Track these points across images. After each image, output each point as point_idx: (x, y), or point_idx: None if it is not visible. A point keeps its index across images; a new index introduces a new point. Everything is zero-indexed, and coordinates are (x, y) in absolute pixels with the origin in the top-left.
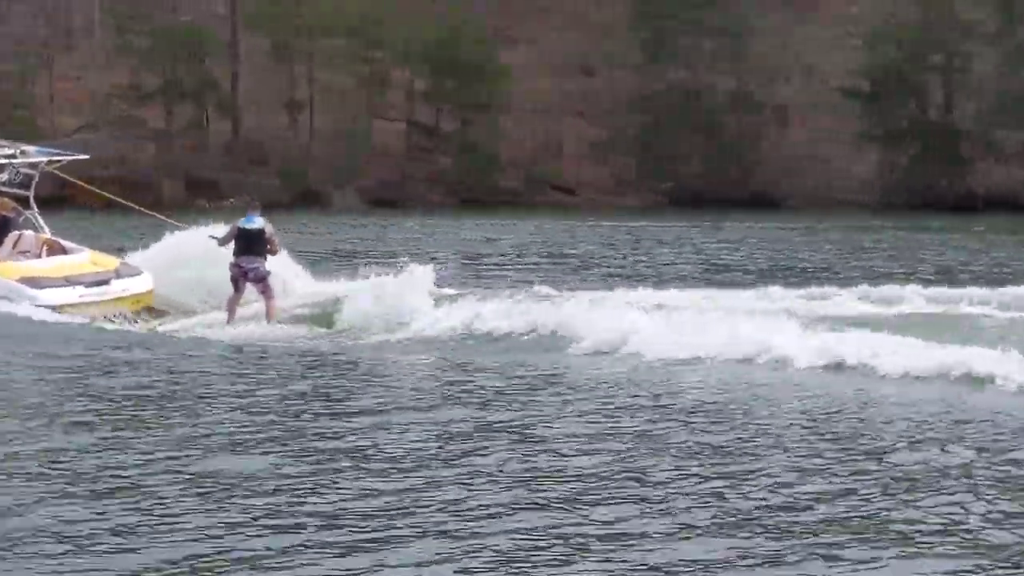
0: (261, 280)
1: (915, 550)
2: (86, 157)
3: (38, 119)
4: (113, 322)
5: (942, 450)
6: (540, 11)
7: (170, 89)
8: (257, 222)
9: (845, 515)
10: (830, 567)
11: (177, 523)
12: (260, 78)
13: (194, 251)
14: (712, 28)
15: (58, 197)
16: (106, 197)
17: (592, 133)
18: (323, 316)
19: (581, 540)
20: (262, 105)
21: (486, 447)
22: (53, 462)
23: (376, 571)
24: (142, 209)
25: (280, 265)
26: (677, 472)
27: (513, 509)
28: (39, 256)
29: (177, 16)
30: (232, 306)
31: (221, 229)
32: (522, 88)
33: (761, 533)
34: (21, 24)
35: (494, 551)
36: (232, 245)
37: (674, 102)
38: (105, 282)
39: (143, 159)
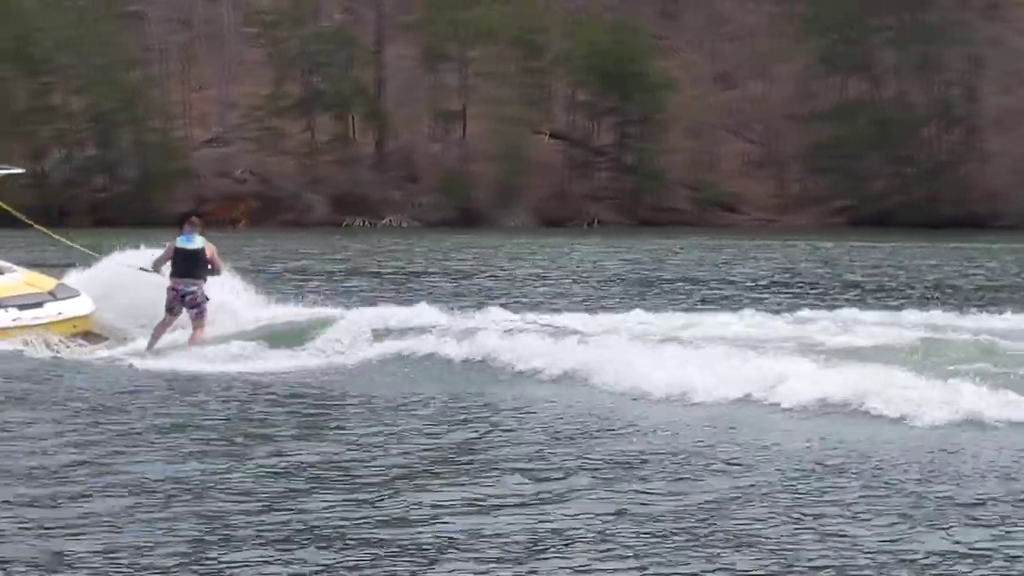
0: (197, 306)
1: None
2: (21, 171)
3: (172, 130)
4: (48, 349)
5: None
6: (683, 18)
7: (315, 99)
8: (196, 241)
9: None
10: None
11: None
12: (409, 88)
13: (138, 272)
14: (905, 34)
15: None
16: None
17: (748, 148)
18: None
19: None
20: (411, 116)
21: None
22: None
23: None
24: (49, 232)
25: (224, 289)
26: None
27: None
28: None
29: (319, 22)
30: (159, 331)
31: (145, 257)
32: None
33: None
34: (155, 31)
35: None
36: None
37: (855, 115)
38: (39, 304)
39: (284, 173)
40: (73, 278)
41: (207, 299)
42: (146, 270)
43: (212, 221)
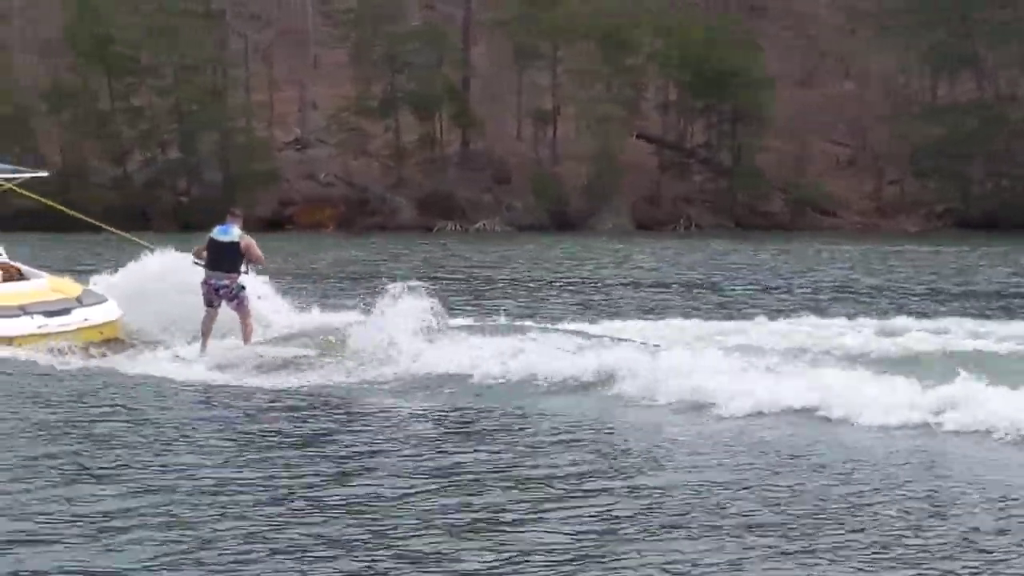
0: (234, 298)
1: None
2: (46, 175)
3: (256, 131)
4: (73, 356)
5: None
6: (768, 14)
7: (401, 100)
8: (233, 233)
9: None
10: None
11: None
12: (496, 87)
13: (167, 276)
14: (1011, 29)
15: (275, 221)
16: (74, 215)
17: (838, 149)
18: (309, 348)
19: None
20: (499, 117)
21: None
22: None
23: None
24: (112, 229)
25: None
26: None
27: None
28: None
29: (403, 21)
30: (205, 328)
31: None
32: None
33: None
34: (236, 31)
35: None
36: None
37: (958, 114)
38: (66, 311)
39: (369, 175)
40: (99, 283)
41: (243, 289)
42: (199, 263)
43: (298, 225)
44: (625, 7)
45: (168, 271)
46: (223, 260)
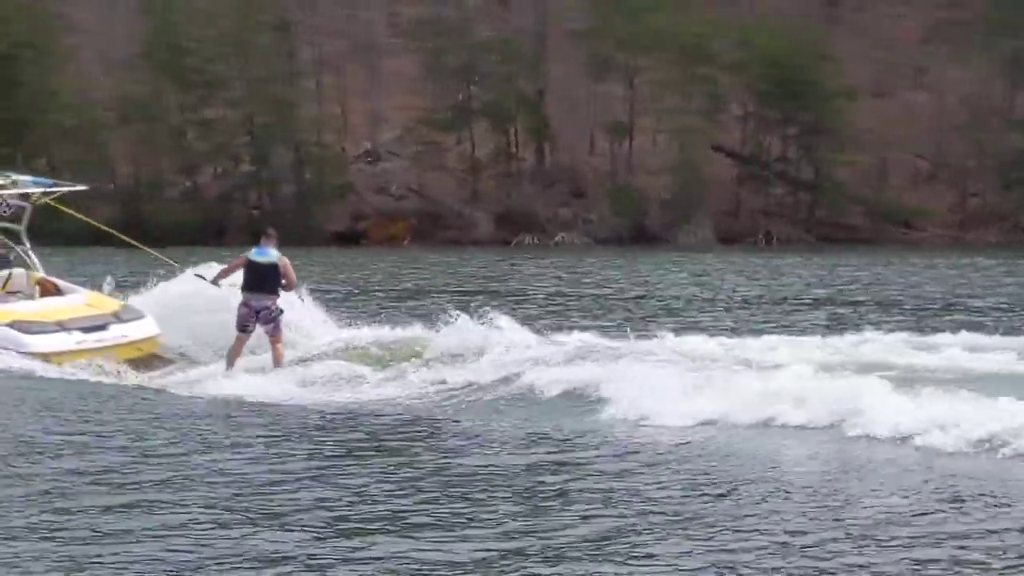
0: (272, 321)
1: None
2: (85, 188)
3: (328, 144)
4: (110, 373)
5: None
6: (844, 23)
7: (476, 112)
8: (271, 255)
9: None
10: None
11: None
12: (572, 99)
13: (206, 292)
14: None
15: (348, 235)
16: (105, 230)
17: (915, 161)
18: (354, 362)
19: None
20: (575, 128)
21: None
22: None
23: None
24: (140, 246)
25: (298, 308)
26: None
27: None
28: (31, 297)
29: (476, 32)
30: (234, 354)
31: (211, 270)
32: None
33: None
34: (307, 42)
35: None
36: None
37: None
38: (103, 327)
39: (442, 189)
40: (138, 299)
41: (282, 312)
42: (201, 277)
43: (372, 239)
44: (704, 17)
45: (200, 288)
46: (264, 282)
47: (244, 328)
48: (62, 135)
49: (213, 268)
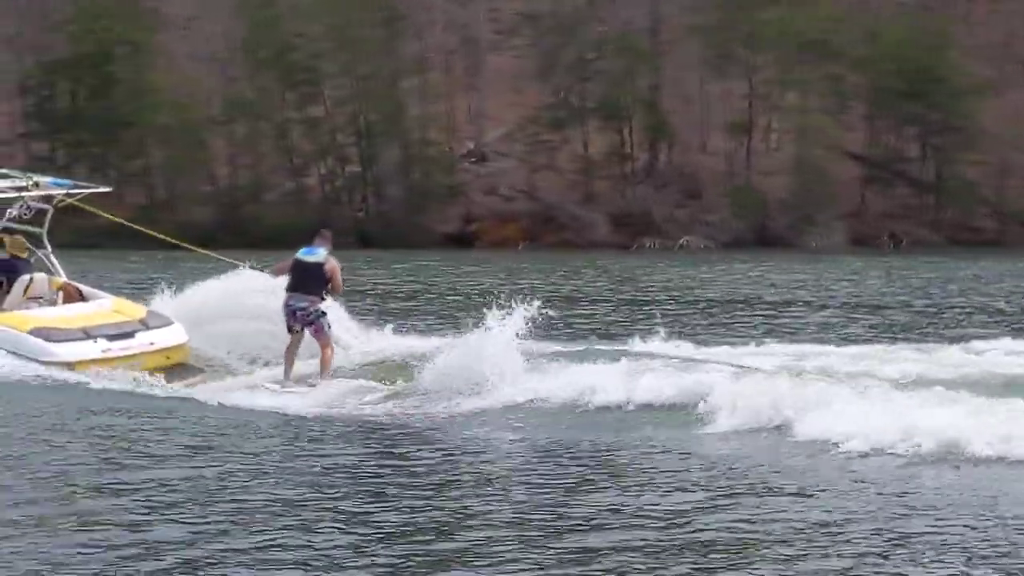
0: (311, 323)
1: None
2: (108, 190)
3: (438, 144)
4: (137, 382)
5: None
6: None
7: (589, 111)
8: (319, 254)
9: None
10: None
11: None
12: (689, 97)
13: (235, 297)
14: None
15: (460, 238)
16: (139, 230)
17: None
18: (390, 376)
19: None
20: (692, 127)
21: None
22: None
23: None
24: (187, 246)
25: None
26: None
27: None
28: (53, 303)
29: (588, 28)
30: (289, 354)
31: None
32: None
33: None
34: (418, 38)
35: None
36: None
37: None
38: (130, 334)
39: (554, 190)
40: (163, 305)
41: (323, 314)
42: (257, 269)
43: (483, 241)
44: (827, 12)
45: (236, 291)
46: (305, 281)
47: (290, 328)
48: (159, 135)
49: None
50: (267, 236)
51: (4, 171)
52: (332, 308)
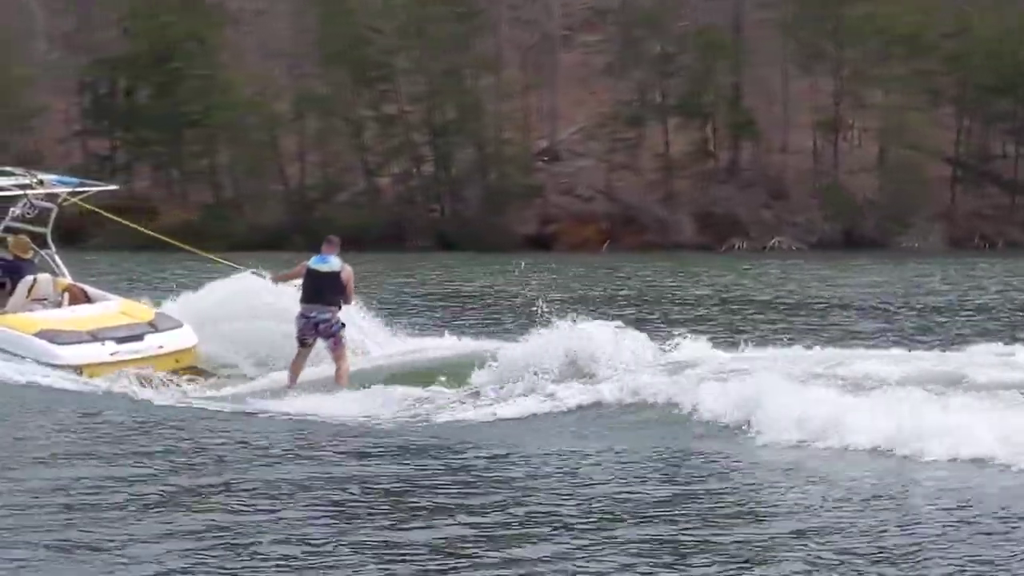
0: (332, 335)
1: None
2: (115, 187)
3: (515, 144)
4: (146, 386)
5: None
6: None
7: (670, 108)
8: (332, 263)
9: None
10: None
11: None
12: (773, 94)
13: (245, 299)
14: None
15: (538, 240)
16: (144, 232)
17: None
18: (417, 380)
19: None
20: (777, 126)
21: None
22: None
23: None
24: (192, 249)
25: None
26: None
27: None
28: (59, 305)
29: (669, 23)
30: (296, 368)
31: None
32: None
33: None
34: (496, 34)
35: None
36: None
37: None
38: (138, 337)
39: (633, 190)
40: (172, 306)
41: (343, 326)
42: (260, 275)
43: (562, 243)
44: (916, 5)
45: (247, 291)
46: (323, 292)
47: (303, 341)
48: (228, 132)
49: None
50: (340, 238)
51: (7, 168)
52: (352, 314)
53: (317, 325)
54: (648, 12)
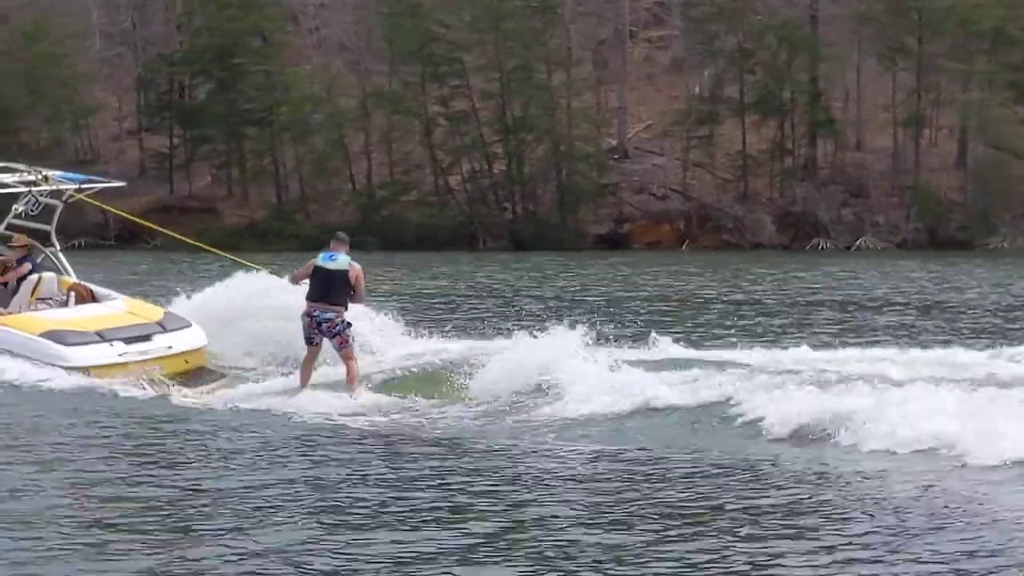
0: (337, 335)
1: None
2: (122, 184)
3: (589, 141)
4: (156, 388)
5: None
6: None
7: (748, 105)
8: (341, 260)
9: None
10: None
11: None
12: (851, 89)
13: (255, 297)
14: None
15: (612, 239)
16: (156, 229)
17: None
18: (426, 383)
19: None
20: (858, 123)
21: None
22: None
23: None
24: (201, 245)
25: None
26: None
27: None
28: (64, 304)
29: (754, 14)
30: (306, 368)
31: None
32: None
33: None
34: (569, 28)
35: None
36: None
37: None
38: (147, 337)
39: (709, 188)
40: (180, 306)
41: (349, 326)
42: (276, 275)
43: (640, 243)
44: None
45: (257, 291)
46: (329, 290)
47: (310, 341)
48: (294, 130)
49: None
50: (411, 238)
51: (10, 164)
52: (367, 313)
53: (320, 324)
54: (725, 6)
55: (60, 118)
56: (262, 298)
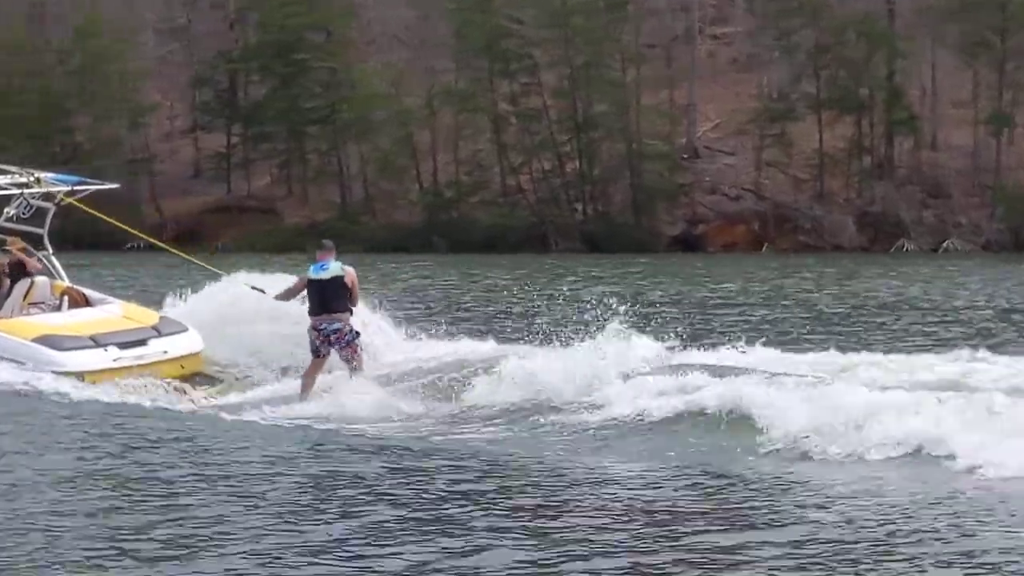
0: (347, 345)
1: None
2: (115, 186)
3: (661, 140)
4: (151, 393)
5: None
6: None
7: (824, 102)
8: (332, 268)
9: None
10: None
11: None
12: (930, 86)
13: (253, 300)
14: None
15: (686, 241)
16: (135, 233)
17: None
18: (436, 389)
19: None
20: (938, 121)
21: None
22: None
23: None
24: (177, 252)
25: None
26: None
27: None
28: (57, 308)
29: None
30: (309, 378)
31: (273, 282)
32: None
33: None
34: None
35: None
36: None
37: None
38: (142, 342)
39: (782, 188)
40: (175, 309)
41: (358, 334)
42: (259, 290)
43: (715, 244)
44: None
45: (242, 297)
46: (328, 300)
47: (316, 353)
48: (359, 128)
49: (271, 278)
50: (479, 239)
51: (3, 167)
52: (370, 316)
53: (329, 336)
54: (805, 1)
55: (116, 116)
56: (260, 301)
